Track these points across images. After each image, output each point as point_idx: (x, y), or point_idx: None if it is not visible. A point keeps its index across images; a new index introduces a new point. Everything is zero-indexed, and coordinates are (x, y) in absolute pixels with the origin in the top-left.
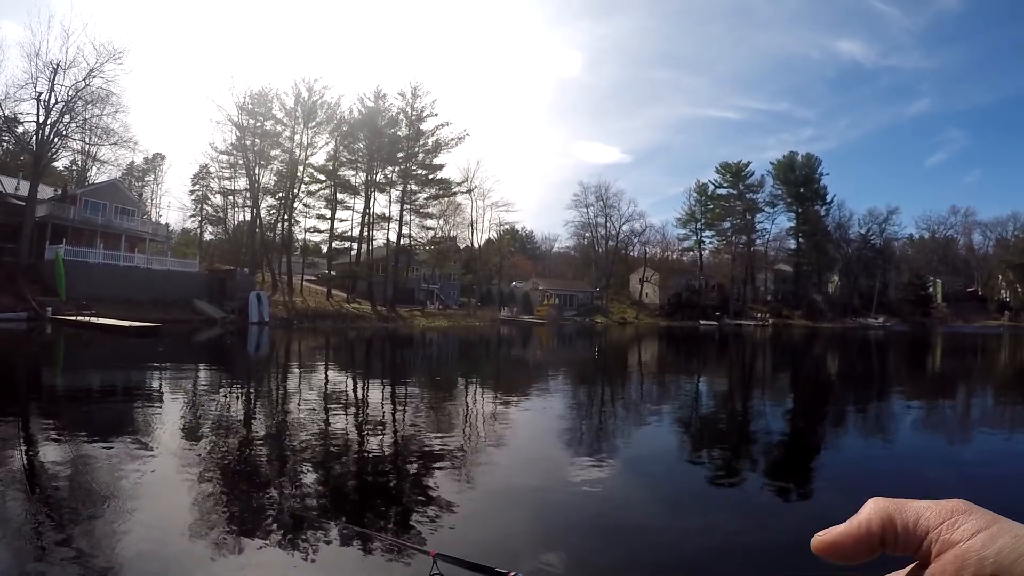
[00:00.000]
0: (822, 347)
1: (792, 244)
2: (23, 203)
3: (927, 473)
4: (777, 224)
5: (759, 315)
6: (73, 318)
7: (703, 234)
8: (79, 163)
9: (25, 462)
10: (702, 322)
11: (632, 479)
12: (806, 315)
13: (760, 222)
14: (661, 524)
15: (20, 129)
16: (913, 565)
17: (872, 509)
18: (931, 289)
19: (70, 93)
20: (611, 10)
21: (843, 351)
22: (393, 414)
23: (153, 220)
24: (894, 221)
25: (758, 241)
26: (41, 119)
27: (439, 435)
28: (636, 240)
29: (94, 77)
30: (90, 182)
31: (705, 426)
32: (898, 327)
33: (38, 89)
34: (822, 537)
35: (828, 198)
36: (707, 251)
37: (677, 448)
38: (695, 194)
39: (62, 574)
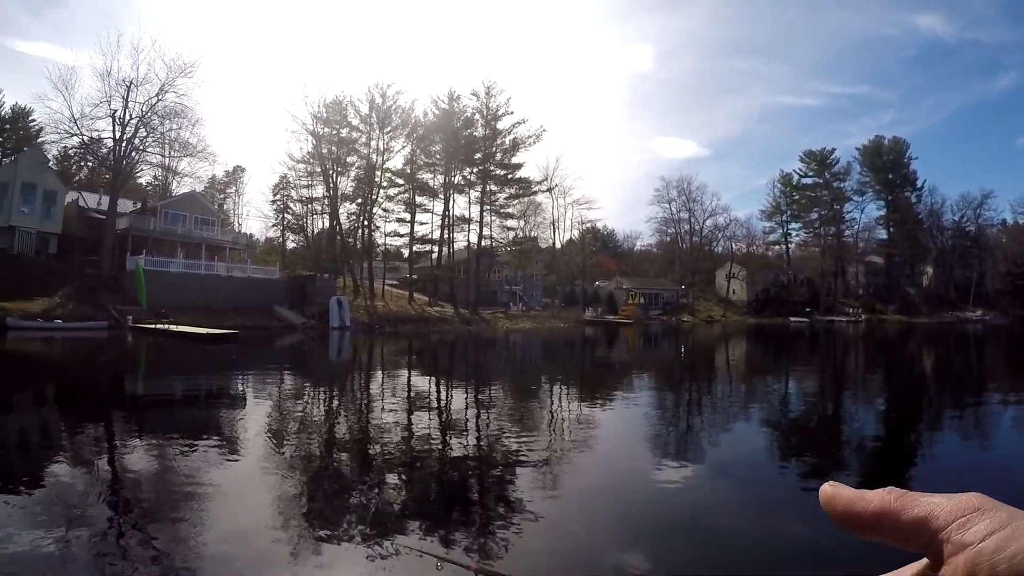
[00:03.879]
0: (919, 344)
1: (882, 234)
2: (104, 217)
3: None
4: (866, 213)
5: (851, 310)
6: (152, 326)
7: (789, 226)
8: (161, 178)
9: (108, 465)
10: (792, 319)
11: (717, 483)
12: (900, 309)
13: (848, 212)
14: (743, 528)
15: (100, 148)
16: (924, 564)
17: (881, 496)
18: None
19: (143, 109)
20: (681, 1)
21: (941, 348)
22: (476, 418)
23: (234, 230)
24: (989, 206)
25: (847, 232)
26: (117, 135)
27: (523, 439)
28: (720, 235)
29: (166, 92)
30: (170, 195)
31: (794, 429)
32: (997, 320)
33: (112, 107)
34: (830, 489)
35: (919, 184)
36: (794, 244)
37: (764, 451)
38: (779, 185)
39: (142, 574)
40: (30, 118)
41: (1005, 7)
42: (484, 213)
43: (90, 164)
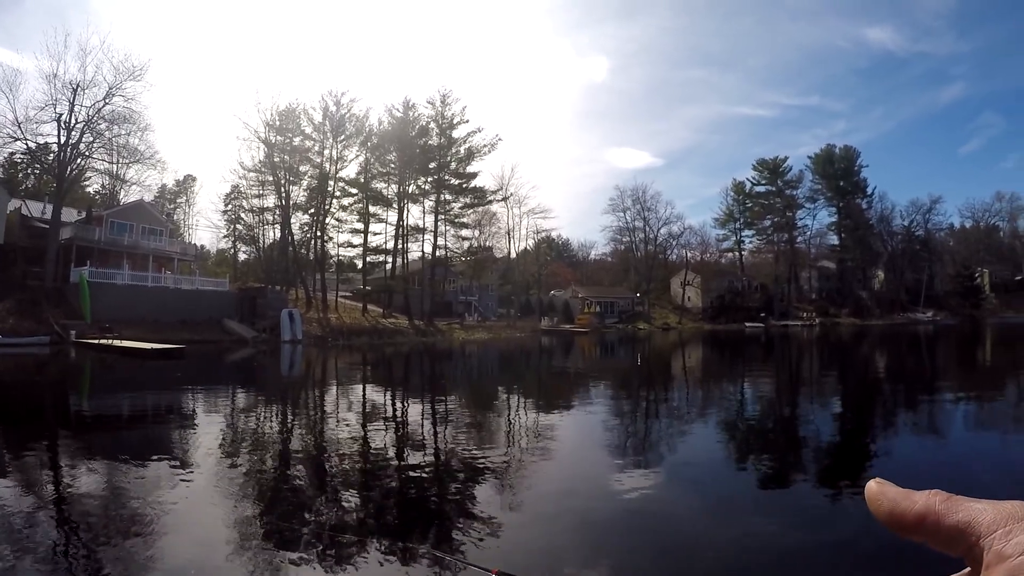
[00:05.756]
0: (872, 345)
1: (834, 240)
2: (48, 226)
3: (981, 477)
4: (818, 220)
5: (805, 314)
6: (96, 341)
7: (743, 234)
8: (108, 186)
9: (54, 487)
10: (747, 324)
11: (678, 488)
12: (853, 312)
13: (801, 218)
14: (706, 533)
15: (46, 155)
16: (965, 572)
17: (926, 497)
18: (979, 280)
19: (90, 113)
20: (635, 11)
21: (894, 349)
22: (434, 430)
23: (184, 240)
24: (938, 211)
25: (799, 238)
26: (62, 140)
27: (482, 450)
28: (675, 243)
29: (114, 96)
30: (118, 204)
31: (752, 432)
32: (948, 321)
33: (58, 111)
34: (876, 487)
35: (869, 191)
36: (747, 251)
37: (724, 455)
38: (732, 193)
39: None
40: None
41: (952, 20)
42: (439, 223)
43: (36, 172)
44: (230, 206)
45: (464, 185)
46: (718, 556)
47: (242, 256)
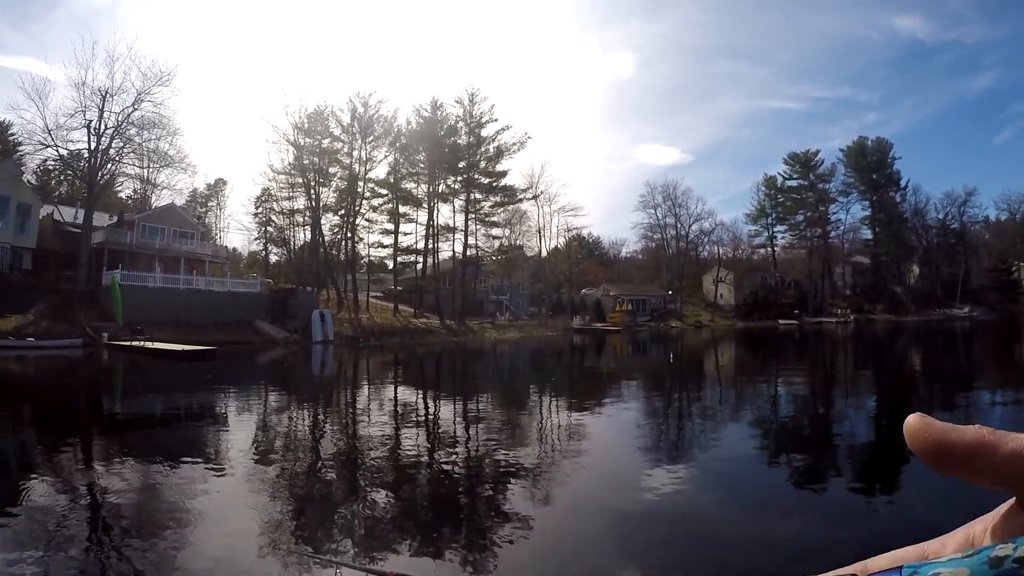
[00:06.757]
0: (908, 342)
1: (868, 234)
2: (80, 231)
3: None
4: (851, 214)
5: (839, 311)
6: (128, 343)
7: (775, 229)
8: (140, 191)
9: (87, 486)
10: (781, 321)
11: (711, 487)
12: (888, 308)
13: (834, 213)
14: (739, 532)
15: (78, 162)
16: (1011, 503)
17: (975, 429)
18: (1016, 274)
19: (119, 119)
20: (661, 7)
21: (930, 345)
22: (466, 430)
23: (215, 243)
24: (973, 203)
25: (832, 233)
26: (92, 146)
27: (513, 450)
28: (706, 239)
29: (142, 101)
30: (150, 208)
31: (785, 431)
32: (985, 316)
33: (87, 117)
34: (919, 420)
35: (903, 183)
36: (780, 247)
37: (757, 454)
38: (763, 188)
39: None
40: (8, 132)
41: (982, 7)
42: (469, 222)
43: (68, 178)
44: (261, 208)
45: (494, 184)
46: (747, 556)
47: (273, 258)
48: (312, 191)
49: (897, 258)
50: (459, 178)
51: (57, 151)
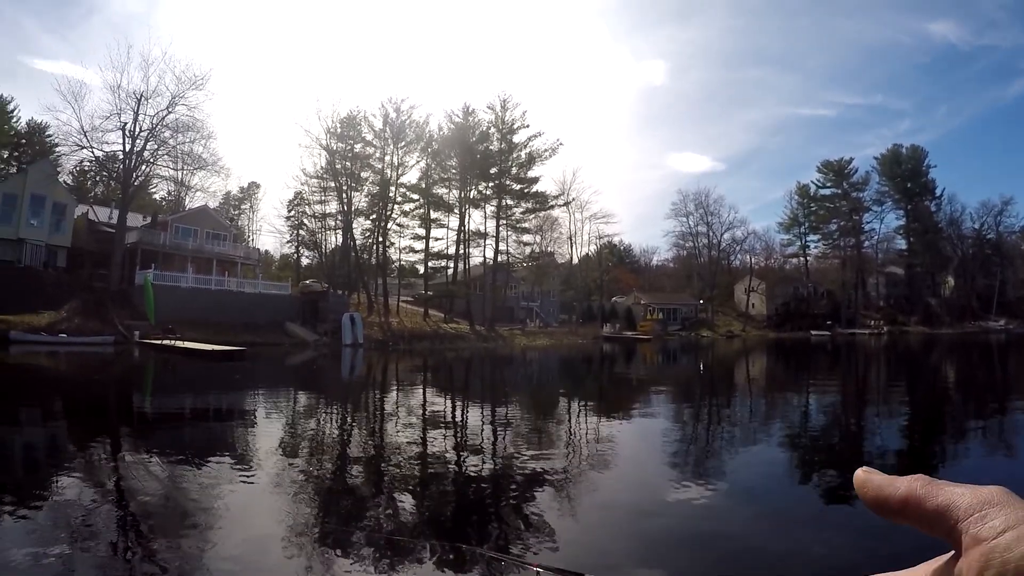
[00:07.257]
0: (942, 355)
1: (902, 244)
2: (114, 231)
3: None
4: (885, 223)
5: (872, 322)
6: (159, 342)
7: (808, 238)
8: (174, 193)
9: (115, 482)
10: (813, 332)
11: (738, 499)
12: (922, 320)
13: (867, 222)
14: (763, 546)
15: (113, 163)
16: (951, 555)
17: (908, 482)
18: None
19: (154, 122)
20: (691, 14)
21: (965, 359)
22: (493, 435)
23: (247, 245)
24: (1009, 212)
25: (866, 243)
26: (127, 148)
27: (541, 456)
28: (738, 248)
29: (177, 105)
30: (183, 209)
31: (816, 445)
32: (1021, 329)
33: (123, 120)
34: (863, 474)
35: (938, 192)
36: (813, 256)
37: (786, 468)
38: (796, 197)
39: None
40: (46, 133)
41: (1016, 11)
42: (500, 228)
43: (104, 179)
44: (293, 212)
45: (525, 190)
46: (773, 571)
47: (305, 261)
48: (344, 195)
49: (932, 269)
50: (491, 184)
51: (93, 152)
